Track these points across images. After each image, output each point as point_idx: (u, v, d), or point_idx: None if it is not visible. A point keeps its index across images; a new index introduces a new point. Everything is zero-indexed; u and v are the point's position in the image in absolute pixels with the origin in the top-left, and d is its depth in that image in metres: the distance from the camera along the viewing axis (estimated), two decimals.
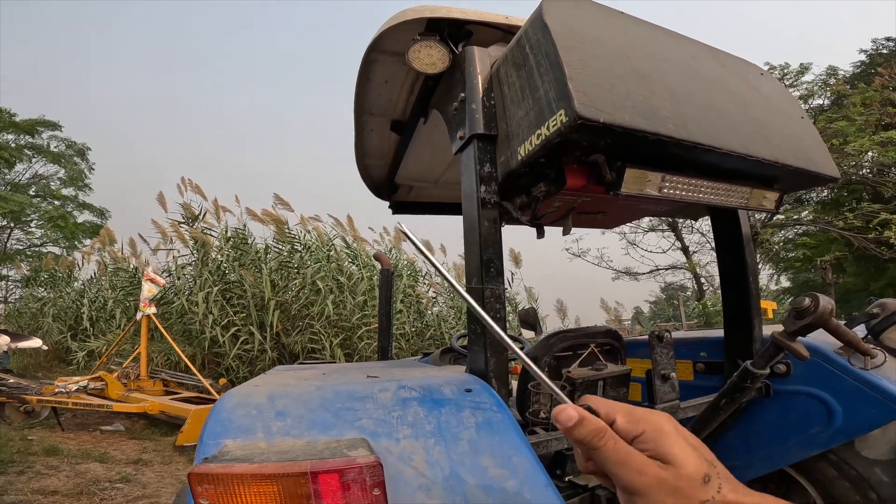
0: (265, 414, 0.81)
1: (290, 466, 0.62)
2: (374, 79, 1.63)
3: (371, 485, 0.62)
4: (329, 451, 0.68)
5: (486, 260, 1.11)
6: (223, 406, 0.84)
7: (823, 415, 1.35)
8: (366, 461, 0.63)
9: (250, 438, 0.76)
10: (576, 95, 0.89)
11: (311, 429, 0.79)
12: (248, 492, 0.61)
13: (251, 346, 6.46)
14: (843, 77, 11.39)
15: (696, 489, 0.44)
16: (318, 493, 0.61)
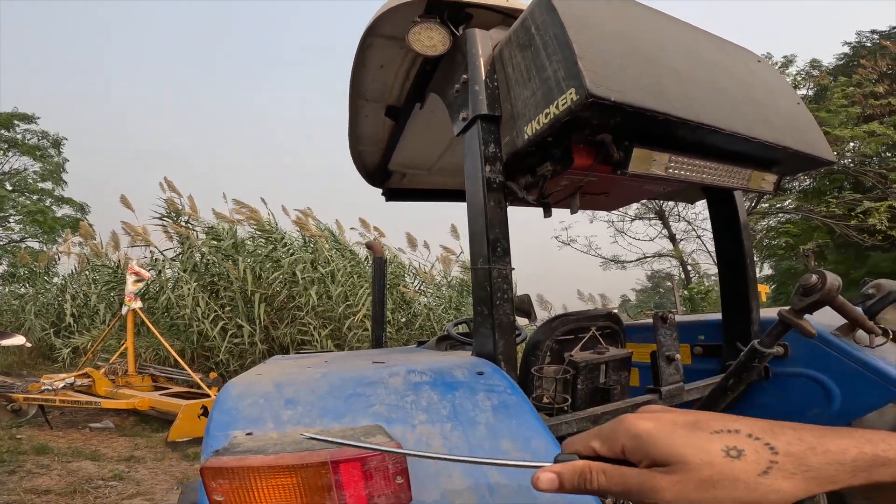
0: (273, 403, 0.78)
1: (308, 456, 0.59)
2: (369, 64, 1.60)
3: (394, 472, 0.60)
4: (346, 440, 0.65)
5: (492, 240, 1.09)
6: (228, 395, 0.81)
7: (822, 397, 1.36)
8: (387, 448, 0.60)
9: (261, 429, 0.73)
10: (586, 74, 0.89)
11: (323, 417, 0.76)
12: (266, 485, 0.58)
13: (241, 339, 6.37)
14: (826, 69, 11.55)
15: (730, 467, 0.37)
16: (340, 483, 0.58)
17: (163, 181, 7.54)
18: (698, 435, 0.40)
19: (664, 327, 1.40)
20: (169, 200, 7.51)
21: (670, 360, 1.39)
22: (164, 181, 7.54)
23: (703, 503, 0.38)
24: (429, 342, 2.37)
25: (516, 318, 2.30)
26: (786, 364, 1.46)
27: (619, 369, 1.51)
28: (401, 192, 2.55)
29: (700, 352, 1.84)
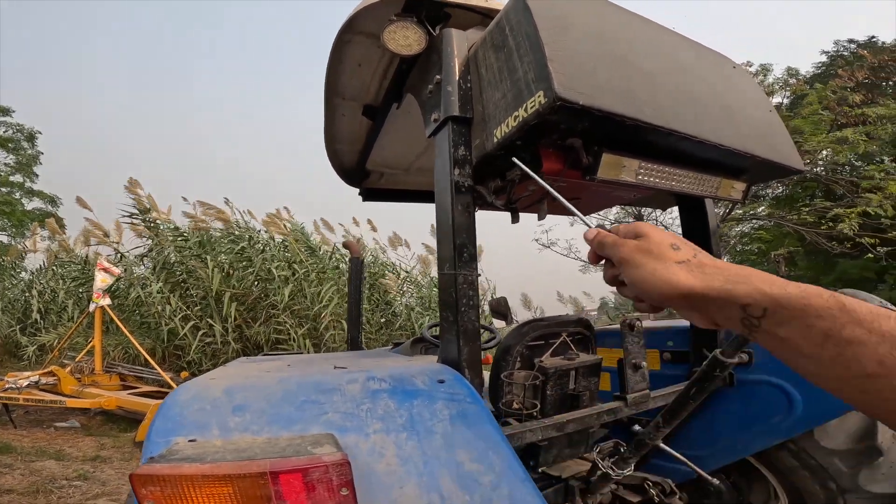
0: (221, 409, 0.75)
1: (246, 466, 0.57)
2: (346, 61, 1.56)
3: (338, 484, 0.58)
4: (292, 449, 0.63)
5: (458, 245, 1.07)
6: (174, 401, 0.77)
7: (784, 404, 1.38)
8: (332, 459, 0.58)
9: (204, 435, 0.70)
10: (556, 77, 0.88)
11: (272, 424, 0.73)
12: (200, 494, 0.55)
13: (213, 338, 6.23)
14: (803, 77, 11.84)
15: (666, 251, 0.54)
16: (280, 494, 0.56)
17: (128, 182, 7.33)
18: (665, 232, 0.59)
19: (631, 335, 1.40)
20: (138, 199, 7.31)
21: (636, 368, 1.39)
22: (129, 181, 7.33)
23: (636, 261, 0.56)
24: (404, 345, 2.35)
25: (493, 320, 2.30)
26: (750, 371, 1.48)
27: (589, 375, 1.51)
28: (379, 192, 2.52)
29: (669, 357, 1.86)
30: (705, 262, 0.53)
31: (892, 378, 0.37)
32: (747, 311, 0.46)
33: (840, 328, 0.40)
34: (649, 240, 0.57)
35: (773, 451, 1.47)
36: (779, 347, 0.45)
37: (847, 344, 0.40)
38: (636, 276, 0.56)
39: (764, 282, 0.47)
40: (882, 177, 8.22)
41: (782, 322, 0.44)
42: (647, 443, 1.39)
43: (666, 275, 0.52)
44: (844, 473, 1.37)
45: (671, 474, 1.53)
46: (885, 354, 0.37)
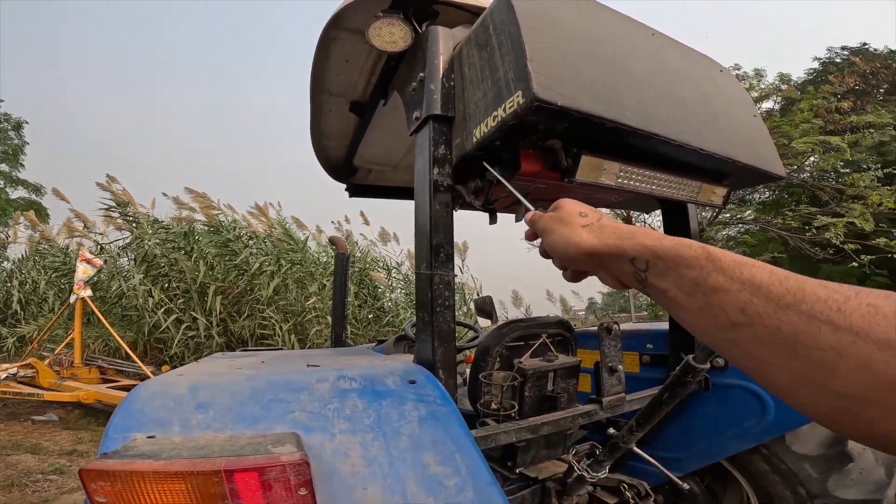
0: (184, 406, 0.74)
1: (201, 464, 0.56)
2: (333, 57, 1.54)
3: (296, 484, 0.57)
4: (251, 447, 0.62)
5: (435, 245, 1.06)
6: (136, 397, 0.76)
7: (758, 408, 1.39)
8: (290, 459, 0.57)
9: (164, 432, 0.69)
10: (535, 77, 0.86)
11: (235, 422, 0.72)
12: (153, 490, 0.54)
13: (196, 332, 6.15)
14: (794, 84, 11.94)
15: (574, 218, 0.61)
16: (235, 492, 0.55)
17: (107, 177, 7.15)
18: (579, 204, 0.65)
19: (608, 338, 1.41)
20: (115, 193, 7.16)
21: (612, 371, 1.40)
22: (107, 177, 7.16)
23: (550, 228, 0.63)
24: (387, 342, 2.34)
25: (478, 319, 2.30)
26: (725, 375, 1.49)
27: (567, 377, 1.51)
28: (366, 188, 2.50)
29: (648, 360, 1.87)
30: (606, 224, 0.58)
31: (754, 326, 0.37)
32: (635, 264, 0.49)
33: (706, 276, 0.41)
34: (562, 210, 0.64)
35: (746, 455, 1.48)
36: (664, 300, 0.47)
37: (713, 292, 0.40)
38: (550, 242, 0.63)
39: (647, 237, 0.50)
40: (867, 184, 8.34)
41: (661, 274, 0.46)
42: (621, 446, 1.40)
43: (572, 237, 0.58)
44: (814, 479, 1.39)
45: (647, 477, 1.54)
46: (746, 301, 0.37)
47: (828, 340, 0.32)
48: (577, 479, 1.42)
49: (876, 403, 0.30)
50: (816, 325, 0.33)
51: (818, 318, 0.33)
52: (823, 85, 10.51)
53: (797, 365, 0.34)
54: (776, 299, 0.36)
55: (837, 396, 0.32)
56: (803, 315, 0.34)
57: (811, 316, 0.34)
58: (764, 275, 0.38)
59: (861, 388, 0.31)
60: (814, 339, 0.33)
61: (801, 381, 0.34)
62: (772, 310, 0.36)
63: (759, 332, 0.36)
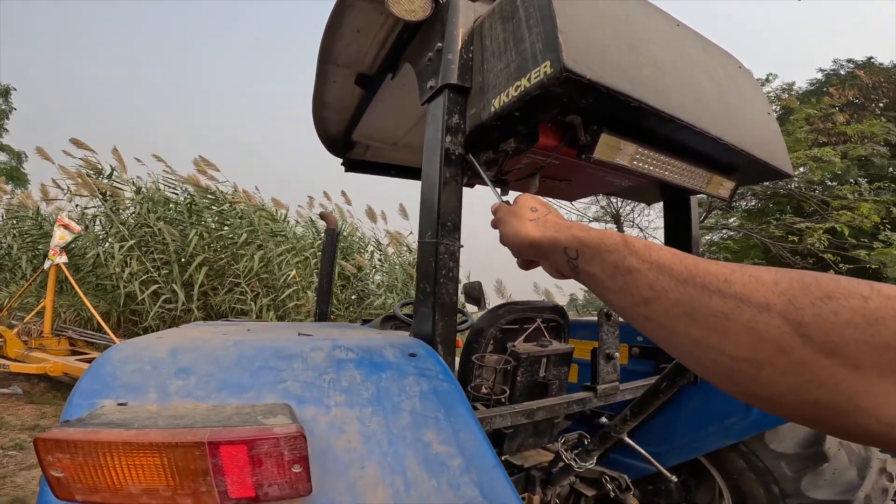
0: (162, 370, 0.66)
1: (180, 434, 0.49)
2: (346, 26, 1.49)
3: (290, 460, 0.50)
4: (239, 418, 0.55)
5: (443, 213, 1.03)
6: (108, 359, 0.68)
7: (741, 405, 1.39)
8: (284, 431, 0.50)
9: (138, 399, 0.62)
10: (565, 48, 0.85)
11: (220, 390, 0.65)
12: (122, 464, 0.47)
13: (174, 304, 5.97)
14: (795, 93, 12.06)
15: (525, 212, 0.68)
16: (219, 467, 0.48)
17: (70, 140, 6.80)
18: (534, 199, 0.72)
19: (608, 324, 1.39)
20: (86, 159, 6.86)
21: (609, 359, 1.38)
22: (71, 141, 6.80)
23: (503, 220, 0.71)
24: (374, 321, 2.29)
25: (466, 304, 2.27)
26: None
27: (560, 364, 1.49)
28: (362, 164, 2.44)
29: (637, 353, 1.87)
30: (550, 219, 0.65)
31: (661, 301, 0.41)
32: (567, 253, 0.55)
33: (622, 259, 0.46)
34: (517, 204, 0.71)
35: (724, 451, 1.49)
36: (592, 284, 0.51)
37: (628, 272, 0.45)
38: (502, 231, 0.71)
39: (579, 229, 0.56)
40: (855, 198, 8.51)
41: (588, 260, 0.51)
42: (613, 436, 1.38)
43: (519, 229, 0.66)
44: (788, 478, 1.40)
45: (627, 469, 1.55)
46: (654, 279, 0.42)
47: (718, 307, 0.36)
48: (563, 469, 1.41)
49: (766, 364, 0.33)
50: (708, 294, 0.38)
51: (709, 288, 0.38)
52: (824, 97, 10.63)
53: (696, 331, 0.38)
54: (676, 275, 0.41)
55: (733, 359, 0.36)
56: (697, 286, 0.39)
57: (703, 287, 0.38)
58: (667, 255, 0.43)
59: (750, 349, 0.34)
60: (707, 306, 0.37)
61: (701, 346, 0.38)
62: (674, 284, 0.41)
63: (665, 304, 0.41)
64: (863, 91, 11.65)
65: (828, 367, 0.31)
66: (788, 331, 0.32)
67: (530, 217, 0.66)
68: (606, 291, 0.49)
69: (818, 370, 0.31)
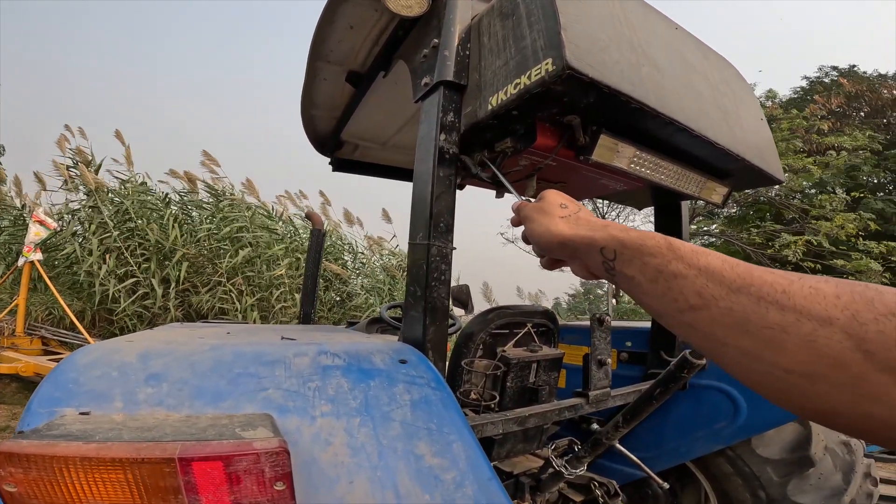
0: (131, 376, 0.61)
1: (148, 449, 0.44)
2: (338, 22, 1.46)
3: (272, 477, 0.46)
4: (214, 430, 0.50)
5: (435, 214, 0.99)
6: (72, 364, 0.62)
7: (730, 410, 1.40)
8: (265, 446, 0.46)
9: (102, 408, 0.56)
10: (568, 45, 0.84)
11: (194, 399, 0.60)
12: (83, 480, 0.43)
13: (151, 301, 5.80)
14: (780, 101, 12.27)
15: (554, 209, 0.65)
16: (192, 486, 0.44)
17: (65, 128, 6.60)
18: (562, 196, 0.69)
19: (600, 330, 1.37)
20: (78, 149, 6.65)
21: (601, 364, 1.36)
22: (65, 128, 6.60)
23: (532, 217, 0.68)
24: (359, 323, 2.24)
25: (453, 308, 2.23)
26: (702, 376, 1.49)
27: (550, 370, 1.47)
28: (350, 163, 2.40)
29: (626, 358, 1.86)
30: (582, 217, 0.62)
31: (710, 309, 0.39)
32: (604, 253, 0.53)
33: (667, 264, 0.44)
34: (544, 201, 0.68)
35: (711, 456, 1.50)
36: (630, 287, 0.49)
37: (673, 278, 0.43)
38: (530, 229, 0.67)
39: (617, 228, 0.54)
40: (833, 207, 8.71)
41: (627, 262, 0.49)
42: (605, 442, 1.36)
43: (550, 226, 0.63)
44: (775, 483, 1.41)
45: (615, 475, 1.53)
46: (702, 286, 0.40)
47: (775, 319, 0.35)
48: (552, 476, 1.38)
49: (821, 378, 0.32)
50: (764, 305, 0.36)
51: (766, 299, 0.36)
52: (808, 105, 10.81)
53: (748, 343, 0.36)
54: (728, 283, 0.39)
55: (786, 373, 0.34)
56: (752, 297, 0.37)
57: (759, 297, 0.36)
58: (717, 261, 0.41)
59: (806, 363, 0.33)
60: (762, 318, 0.35)
61: (752, 358, 0.36)
62: (724, 293, 0.39)
63: (714, 313, 0.39)
64: (847, 99, 11.90)
65: (886, 384, 0.30)
66: (850, 346, 0.31)
67: (561, 214, 0.63)
68: (645, 295, 0.47)
69: (876, 386, 0.30)
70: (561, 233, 0.61)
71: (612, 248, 0.51)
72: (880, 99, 12.43)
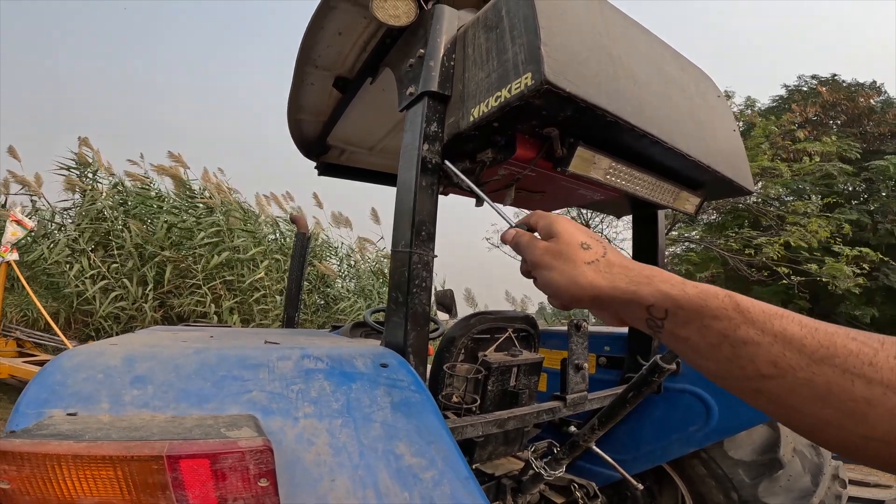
0: (117, 379, 0.62)
1: (137, 447, 0.46)
2: (327, 28, 1.47)
3: (256, 474, 0.48)
4: (200, 430, 0.53)
5: (417, 222, 1.01)
6: (58, 366, 0.64)
7: (703, 413, 1.44)
8: (249, 444, 0.48)
9: (89, 409, 0.58)
10: (546, 60, 0.86)
11: (180, 400, 0.62)
12: (74, 477, 0.44)
13: (127, 303, 5.68)
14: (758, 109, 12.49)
15: (575, 252, 0.55)
16: (180, 482, 0.46)
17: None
18: (579, 229, 0.58)
19: (577, 335, 1.40)
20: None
21: (578, 369, 1.39)
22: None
23: (547, 264, 0.56)
24: (343, 328, 2.24)
25: (437, 312, 2.26)
26: (676, 380, 1.53)
27: (530, 373, 1.50)
28: (336, 168, 2.40)
29: (604, 362, 1.90)
30: (613, 260, 0.54)
31: (785, 378, 0.37)
32: (651, 311, 0.47)
33: (735, 329, 0.41)
34: (560, 241, 0.57)
35: (686, 458, 1.53)
36: (681, 347, 0.46)
37: (742, 344, 0.40)
38: (547, 279, 0.56)
39: (665, 282, 0.47)
40: (808, 212, 8.95)
41: (682, 323, 0.44)
42: (581, 444, 1.40)
43: (575, 276, 0.53)
44: (746, 484, 1.44)
45: (594, 477, 1.56)
46: (778, 355, 0.38)
47: (861, 393, 0.34)
48: (533, 477, 1.41)
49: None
50: (850, 378, 0.35)
51: (851, 371, 0.35)
52: (785, 113, 11.00)
53: (828, 413, 0.36)
54: (809, 353, 0.37)
55: (863, 439, 0.34)
56: (837, 369, 0.35)
57: (845, 370, 0.35)
58: (795, 327, 0.38)
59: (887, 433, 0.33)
60: (847, 391, 0.35)
61: (830, 426, 0.36)
62: (805, 363, 0.37)
63: (791, 383, 0.37)
64: (823, 108, 12.15)
65: None
66: None
67: (587, 259, 0.54)
68: (702, 359, 0.43)
69: None
70: (593, 285, 0.51)
71: (662, 308, 0.46)
72: (857, 108, 12.77)
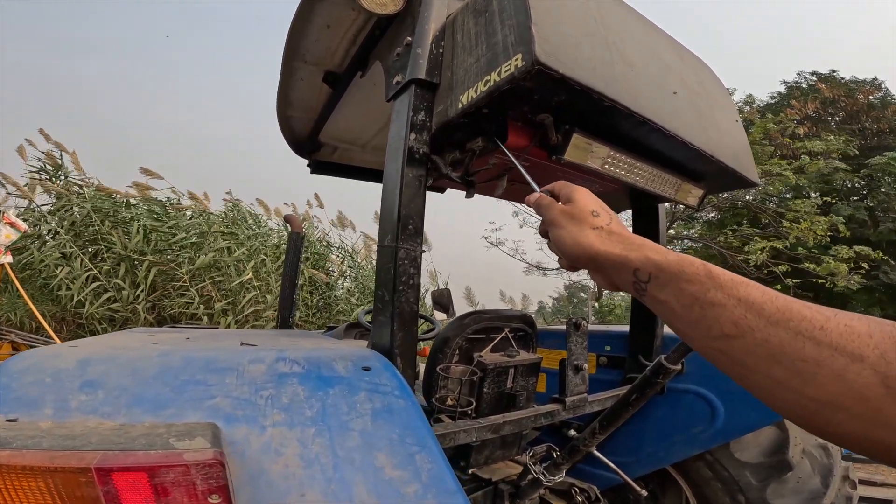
0: (65, 383, 0.57)
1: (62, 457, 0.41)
2: (315, 21, 1.42)
3: (206, 490, 0.43)
4: (145, 440, 0.47)
5: (404, 216, 0.97)
6: (5, 369, 0.59)
7: (707, 415, 1.40)
8: (195, 458, 0.43)
9: (32, 415, 0.53)
10: (538, 40, 0.82)
11: (132, 406, 0.56)
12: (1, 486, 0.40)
13: (119, 304, 5.63)
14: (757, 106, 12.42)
15: (586, 217, 0.61)
16: (114, 496, 0.41)
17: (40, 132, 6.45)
18: (593, 200, 0.65)
19: (576, 335, 1.35)
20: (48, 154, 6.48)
21: (577, 370, 1.34)
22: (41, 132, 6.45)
23: (560, 223, 0.63)
24: (337, 329, 2.19)
25: (434, 312, 2.20)
26: (680, 380, 1.48)
27: (528, 375, 1.45)
28: (329, 165, 2.35)
29: (605, 362, 1.85)
30: (615, 230, 0.60)
31: (745, 338, 0.41)
32: (637, 275, 0.52)
33: (705, 292, 0.45)
34: (575, 206, 0.64)
35: (690, 461, 1.49)
36: (660, 309, 0.50)
37: (710, 306, 0.44)
38: (557, 236, 0.63)
39: (652, 250, 0.53)
40: (807, 210, 8.90)
41: (662, 286, 0.49)
42: (582, 449, 1.35)
43: (580, 238, 0.60)
44: (754, 486, 1.40)
45: (595, 480, 1.52)
46: (740, 317, 0.42)
47: (810, 353, 0.37)
48: (531, 482, 1.36)
49: (844, 409, 0.36)
50: (802, 340, 0.38)
51: (803, 334, 0.38)
52: (785, 110, 10.96)
53: (778, 372, 0.39)
54: (767, 316, 0.40)
55: (812, 401, 0.37)
56: (791, 331, 0.39)
57: (797, 332, 0.38)
58: (757, 294, 0.42)
59: (833, 394, 0.36)
60: (798, 351, 0.38)
61: (780, 386, 0.39)
62: (763, 325, 0.40)
63: (748, 343, 0.41)
64: (823, 104, 12.12)
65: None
66: (875, 382, 0.34)
67: (593, 224, 0.60)
68: (677, 320, 0.48)
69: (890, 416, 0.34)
70: (592, 247, 0.58)
71: (646, 272, 0.51)
72: (856, 104, 12.74)
